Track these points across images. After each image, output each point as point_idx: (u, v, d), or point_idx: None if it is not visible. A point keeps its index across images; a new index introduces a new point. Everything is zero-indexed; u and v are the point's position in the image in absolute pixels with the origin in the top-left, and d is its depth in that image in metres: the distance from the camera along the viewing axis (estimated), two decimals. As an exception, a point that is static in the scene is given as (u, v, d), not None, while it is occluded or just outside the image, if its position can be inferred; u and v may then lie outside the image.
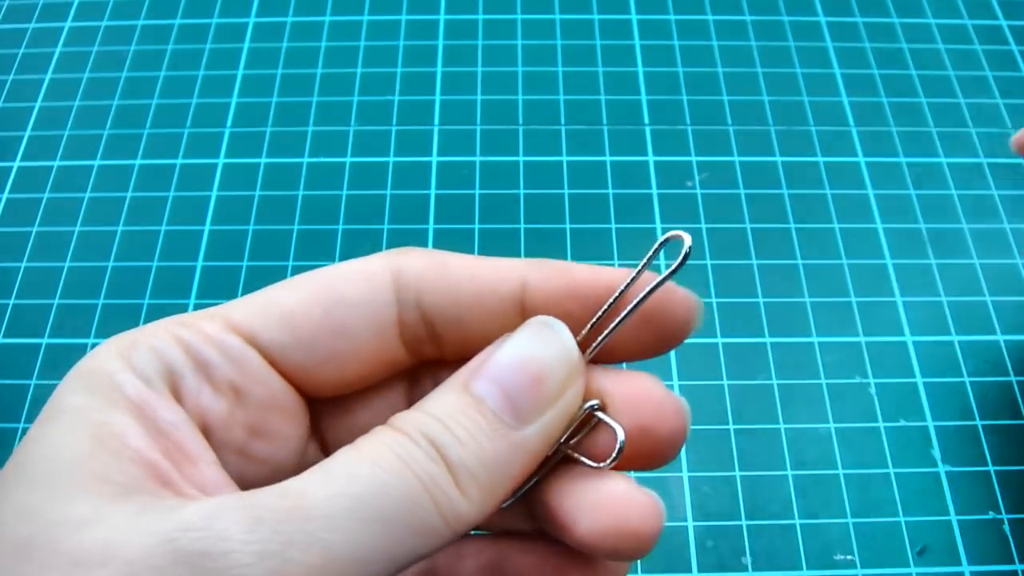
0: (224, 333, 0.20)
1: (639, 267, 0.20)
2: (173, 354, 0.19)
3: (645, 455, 0.20)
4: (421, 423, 0.18)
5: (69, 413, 0.18)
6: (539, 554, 0.22)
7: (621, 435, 0.20)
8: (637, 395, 0.21)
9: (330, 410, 0.23)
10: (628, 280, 0.20)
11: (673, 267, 0.19)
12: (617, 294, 0.20)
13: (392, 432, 0.18)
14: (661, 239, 0.20)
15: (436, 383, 0.23)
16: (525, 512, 0.22)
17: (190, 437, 0.19)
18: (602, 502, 0.20)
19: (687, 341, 0.37)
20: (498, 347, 0.20)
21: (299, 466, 0.22)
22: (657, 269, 0.21)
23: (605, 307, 0.20)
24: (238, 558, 0.16)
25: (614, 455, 0.20)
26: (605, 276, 0.21)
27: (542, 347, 0.19)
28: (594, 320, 0.20)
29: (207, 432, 0.20)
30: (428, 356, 0.22)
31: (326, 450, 0.23)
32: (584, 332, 0.20)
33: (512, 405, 0.19)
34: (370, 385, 0.22)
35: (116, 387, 0.18)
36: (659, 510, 0.20)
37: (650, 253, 0.20)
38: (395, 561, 0.17)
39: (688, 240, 0.19)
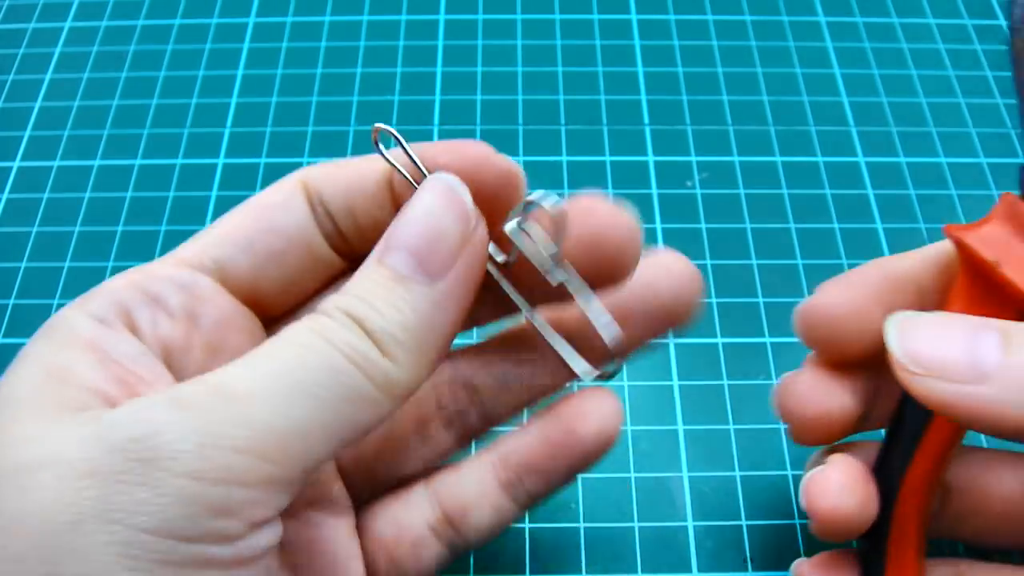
0: (172, 268, 0.22)
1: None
2: (127, 293, 0.21)
3: (605, 271, 0.22)
4: (338, 301, 0.19)
5: (27, 357, 0.19)
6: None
7: (552, 203, 0.20)
8: (580, 209, 0.22)
9: (281, 327, 0.24)
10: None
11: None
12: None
13: (312, 314, 0.19)
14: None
15: None
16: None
17: (146, 364, 0.20)
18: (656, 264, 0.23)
19: (687, 341, 0.37)
20: (400, 215, 0.20)
21: None
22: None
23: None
24: (166, 436, 0.16)
25: (603, 371, 0.21)
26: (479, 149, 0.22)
27: (434, 201, 0.20)
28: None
29: (169, 357, 0.21)
30: (356, 254, 0.23)
31: None
32: None
33: (421, 264, 0.19)
34: (313, 293, 0.24)
35: (71, 329, 0.20)
36: (696, 274, 0.23)
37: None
38: (337, 432, 0.18)
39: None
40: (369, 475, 0.25)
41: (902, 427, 0.23)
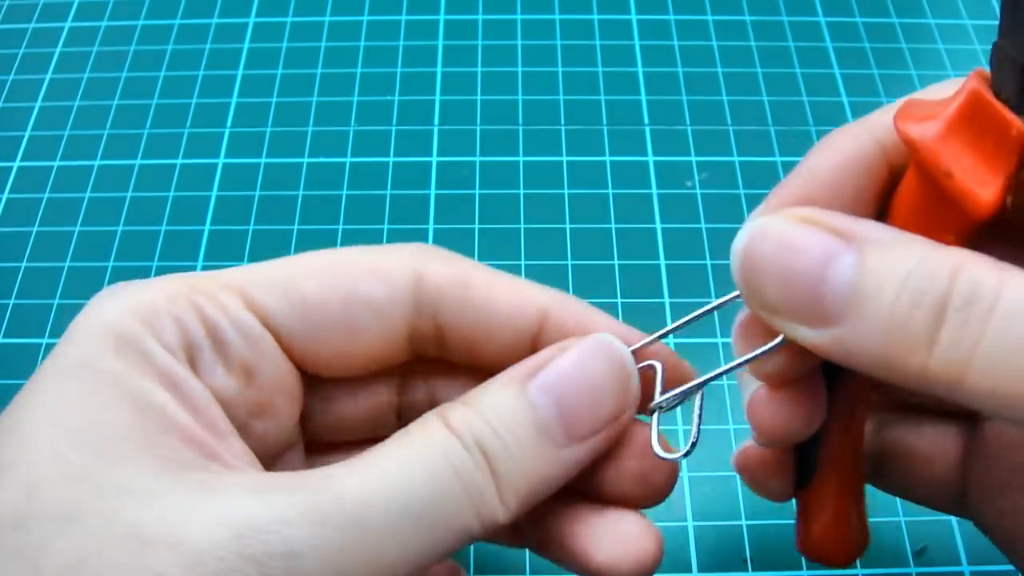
0: (243, 311, 0.20)
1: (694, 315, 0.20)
2: (195, 328, 0.19)
3: (643, 498, 0.21)
4: (473, 424, 0.18)
5: (103, 375, 0.17)
6: None
7: (696, 429, 0.20)
8: (637, 444, 0.21)
9: (324, 391, 0.23)
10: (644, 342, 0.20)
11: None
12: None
13: (443, 430, 0.18)
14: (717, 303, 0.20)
15: (426, 378, 0.23)
16: (510, 531, 0.23)
17: (218, 414, 0.19)
18: (623, 538, 0.20)
19: (687, 341, 0.37)
20: (560, 352, 0.19)
21: (289, 443, 0.22)
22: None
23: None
24: (303, 562, 0.16)
25: (684, 451, 0.20)
26: (621, 332, 0.21)
27: (603, 366, 0.19)
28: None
29: None
30: (430, 355, 0.22)
31: (314, 428, 0.23)
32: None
33: (564, 422, 0.19)
34: (367, 372, 0.22)
35: (146, 356, 0.18)
36: (660, 541, 0.21)
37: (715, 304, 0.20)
38: (431, 559, 0.18)
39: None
40: None
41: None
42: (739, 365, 0.19)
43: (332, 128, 0.43)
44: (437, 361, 0.23)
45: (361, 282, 0.21)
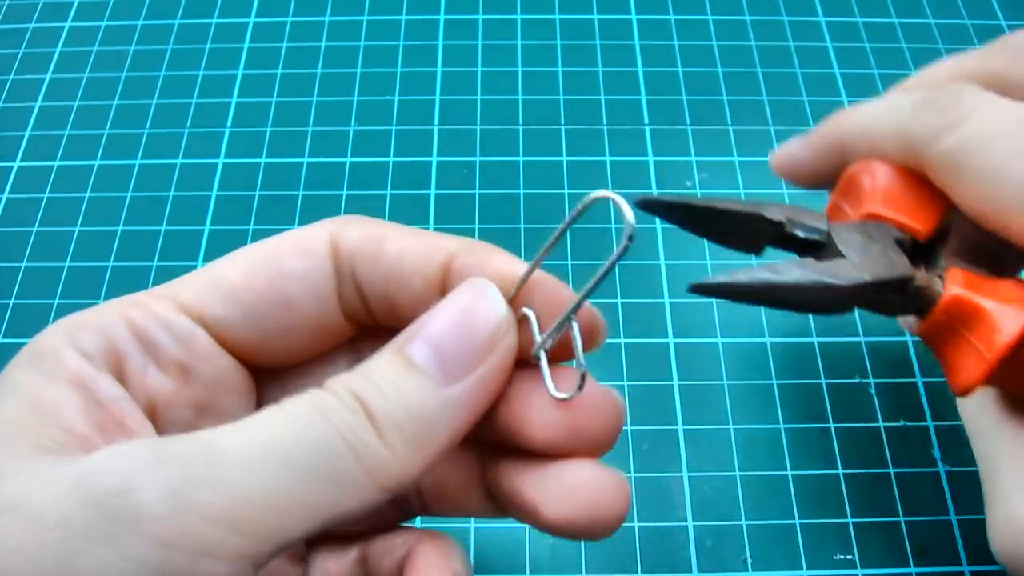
0: (173, 313, 0.20)
1: (557, 231, 0.20)
2: (120, 334, 0.20)
3: (581, 450, 0.20)
4: (348, 380, 0.19)
5: (10, 386, 0.18)
6: None
7: (581, 362, 0.19)
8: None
9: (274, 385, 0.23)
10: (529, 270, 0.20)
11: (614, 256, 0.18)
12: (525, 276, 0.20)
13: (317, 389, 0.18)
14: (585, 200, 0.19)
15: None
16: (483, 495, 0.22)
17: (130, 412, 0.19)
18: (569, 489, 0.20)
19: (687, 341, 0.37)
20: (433, 310, 0.20)
21: None
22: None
23: (519, 284, 0.20)
24: (142, 496, 0.16)
25: (576, 387, 0.20)
26: (514, 268, 0.21)
27: (470, 304, 0.20)
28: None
29: (153, 411, 0.20)
30: (367, 324, 0.22)
31: None
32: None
33: (441, 362, 0.19)
34: (315, 355, 0.23)
35: (59, 362, 0.19)
36: (625, 487, 0.20)
37: (572, 214, 0.19)
38: (317, 512, 0.17)
39: (629, 215, 0.17)
40: None
41: None
42: (601, 278, 0.19)
43: (332, 128, 0.43)
44: (383, 339, 0.23)
45: (282, 258, 0.21)
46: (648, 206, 0.21)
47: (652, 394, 0.35)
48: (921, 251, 0.23)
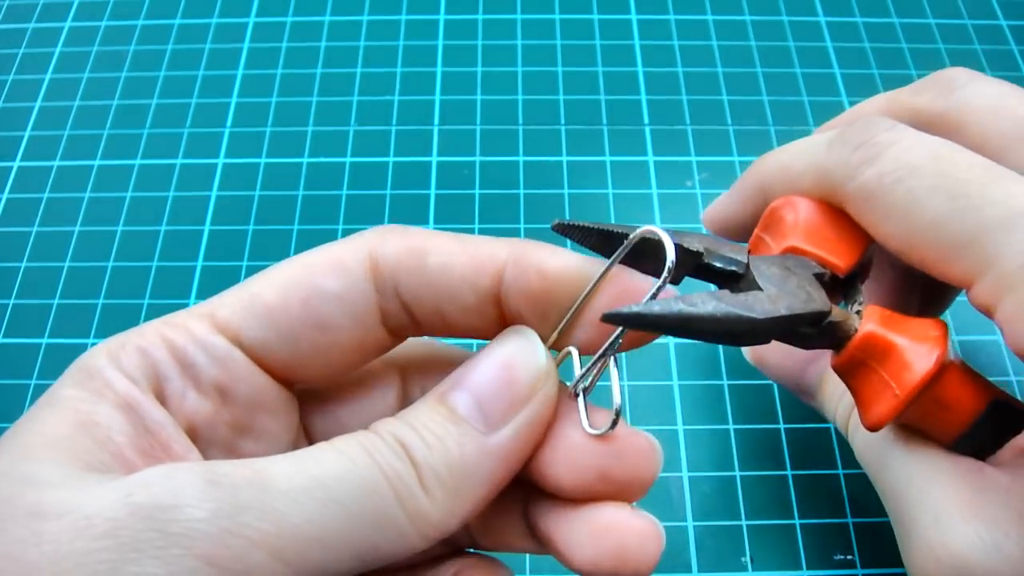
0: (210, 334, 0.20)
1: (610, 260, 0.20)
2: (160, 356, 0.20)
3: (611, 495, 0.20)
4: (393, 426, 0.19)
5: (61, 401, 0.18)
6: None
7: (617, 401, 0.19)
8: (596, 441, 0.20)
9: (323, 406, 0.23)
10: (598, 277, 0.20)
11: (660, 282, 0.19)
12: (587, 290, 0.20)
13: (364, 431, 0.19)
14: (634, 235, 0.20)
15: (423, 388, 0.23)
16: (526, 532, 0.22)
17: (175, 437, 0.19)
18: (595, 533, 0.20)
19: (688, 341, 0.37)
20: (475, 358, 0.20)
21: None
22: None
23: (573, 308, 0.20)
24: (192, 512, 0.16)
25: (609, 423, 0.20)
26: (579, 264, 0.20)
27: (511, 355, 0.20)
28: (563, 324, 0.20)
29: (193, 434, 0.20)
30: (413, 334, 0.22)
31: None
32: (554, 336, 0.21)
33: (481, 410, 0.19)
34: (355, 368, 0.22)
35: (106, 383, 0.19)
36: (657, 533, 0.20)
37: (622, 249, 0.20)
38: (357, 553, 0.17)
39: (670, 249, 0.19)
40: None
41: None
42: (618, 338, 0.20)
43: (332, 128, 0.43)
44: (432, 368, 0.23)
45: (317, 278, 0.21)
46: (564, 230, 0.21)
47: (652, 394, 0.35)
48: (841, 285, 0.23)
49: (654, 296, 0.19)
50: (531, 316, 0.21)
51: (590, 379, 0.20)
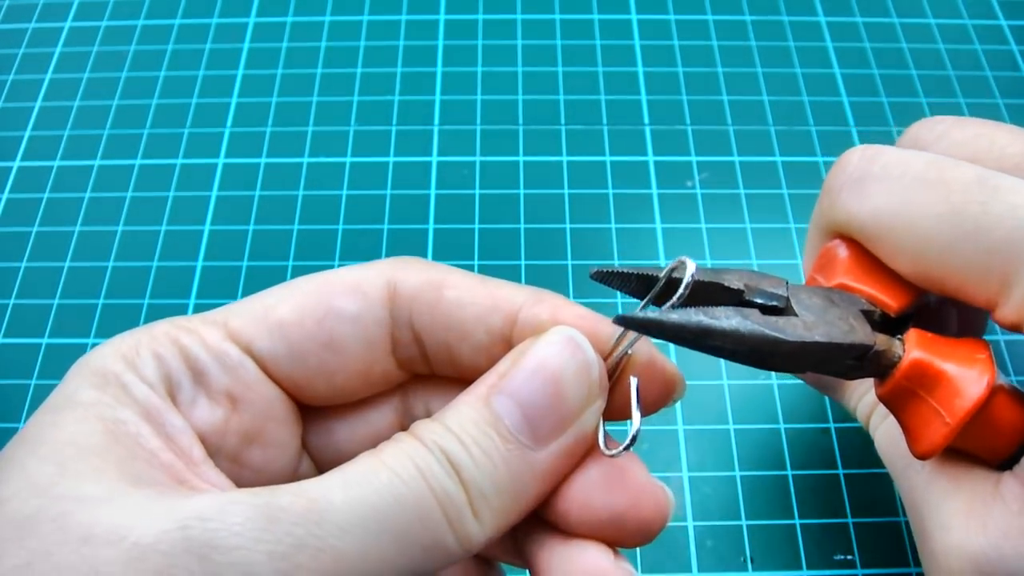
0: (223, 342, 0.20)
1: (646, 299, 0.20)
2: (173, 361, 0.20)
3: (616, 539, 0.20)
4: (440, 436, 0.18)
5: (82, 406, 0.18)
6: None
7: (636, 423, 0.19)
8: (613, 477, 0.20)
9: (322, 421, 0.23)
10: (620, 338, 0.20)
11: (674, 299, 0.19)
12: (627, 345, 0.20)
13: (412, 440, 0.18)
14: (667, 268, 0.20)
15: (426, 403, 0.23)
16: (512, 548, 0.22)
17: (194, 445, 0.19)
18: (575, 574, 0.19)
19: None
20: (520, 356, 0.19)
21: (293, 476, 0.22)
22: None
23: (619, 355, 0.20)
24: (247, 555, 0.15)
25: (625, 444, 0.19)
26: (591, 323, 0.20)
27: (564, 362, 0.19)
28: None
29: (203, 440, 0.20)
30: (420, 372, 0.22)
31: (317, 462, 0.23)
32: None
33: (530, 425, 0.18)
34: (362, 397, 0.22)
35: (124, 388, 0.18)
36: None
37: (656, 288, 0.20)
38: (405, 573, 0.17)
39: (691, 267, 0.19)
40: None
41: None
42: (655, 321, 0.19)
43: (332, 128, 0.43)
44: (434, 383, 0.22)
45: (335, 299, 0.20)
46: (603, 277, 0.21)
47: (652, 394, 0.35)
48: (892, 325, 0.23)
49: (671, 307, 0.19)
50: None
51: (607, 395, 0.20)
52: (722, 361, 0.36)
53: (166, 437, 0.18)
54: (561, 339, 0.19)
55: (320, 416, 0.22)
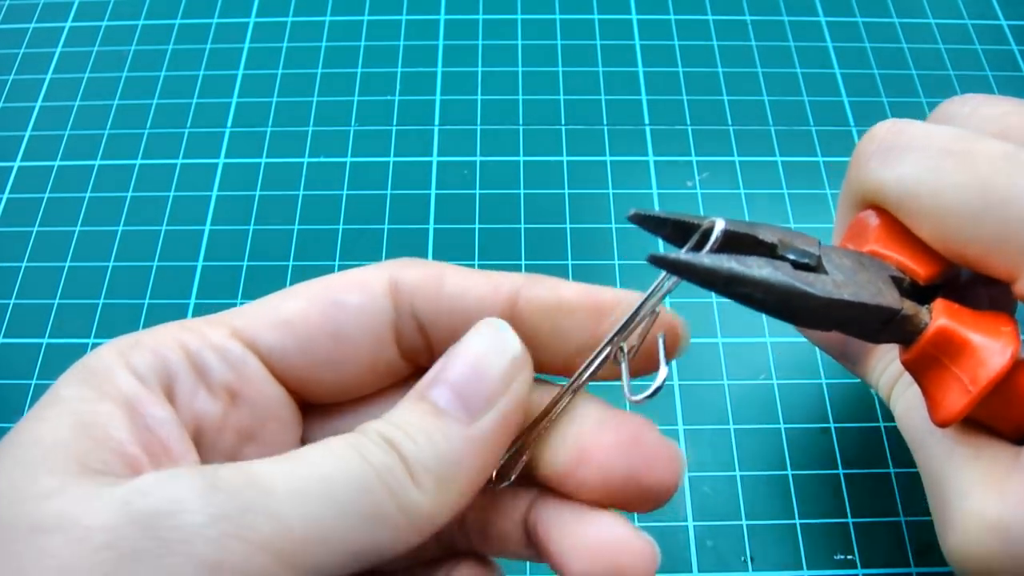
0: (225, 339, 0.21)
1: (653, 287, 0.20)
2: (171, 355, 0.20)
3: (631, 502, 0.20)
4: (379, 427, 0.19)
5: (62, 402, 0.18)
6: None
7: (663, 375, 0.20)
8: (628, 439, 0.20)
9: (323, 422, 0.23)
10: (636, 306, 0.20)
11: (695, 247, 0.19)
12: (641, 303, 0.20)
13: (351, 433, 0.19)
14: (701, 229, 0.20)
15: None
16: (524, 539, 0.22)
17: (175, 436, 0.19)
18: (593, 545, 0.20)
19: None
20: (450, 352, 0.20)
21: None
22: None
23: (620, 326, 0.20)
24: (191, 518, 0.16)
25: (650, 391, 0.19)
26: (594, 295, 0.21)
27: (484, 344, 0.20)
28: (613, 335, 0.20)
29: (199, 435, 0.20)
30: (424, 364, 0.22)
31: None
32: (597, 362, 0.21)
33: (461, 401, 0.19)
34: (367, 392, 0.23)
35: (110, 380, 0.19)
36: (652, 555, 0.20)
37: (694, 237, 0.20)
38: (355, 550, 0.17)
39: (721, 224, 0.19)
40: None
41: None
42: (659, 298, 0.20)
43: (332, 128, 0.43)
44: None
45: (339, 294, 0.21)
46: (640, 220, 0.21)
47: (652, 394, 0.35)
48: (921, 293, 0.23)
49: (702, 252, 0.19)
50: (546, 339, 0.21)
51: (633, 340, 0.20)
52: (722, 361, 0.36)
53: (143, 427, 0.19)
54: (481, 326, 0.20)
55: (321, 416, 0.23)
